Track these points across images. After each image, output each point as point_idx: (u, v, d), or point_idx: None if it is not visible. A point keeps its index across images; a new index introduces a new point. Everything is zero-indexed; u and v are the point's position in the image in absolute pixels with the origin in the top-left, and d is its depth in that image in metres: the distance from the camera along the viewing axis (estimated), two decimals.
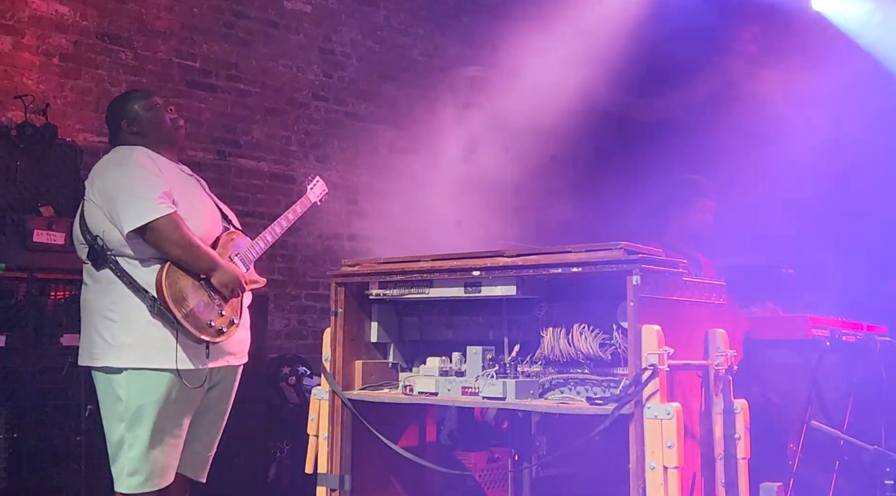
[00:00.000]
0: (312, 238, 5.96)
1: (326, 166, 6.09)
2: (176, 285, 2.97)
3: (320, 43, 6.11)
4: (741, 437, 2.37)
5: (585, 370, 2.63)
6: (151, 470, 2.97)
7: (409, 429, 3.09)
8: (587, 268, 2.41)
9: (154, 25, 5.27)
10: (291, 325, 5.77)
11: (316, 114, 6.06)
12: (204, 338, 3.00)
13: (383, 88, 6.49)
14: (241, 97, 5.65)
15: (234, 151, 5.59)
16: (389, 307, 3.07)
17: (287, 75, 5.91)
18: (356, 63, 6.32)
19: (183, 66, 5.39)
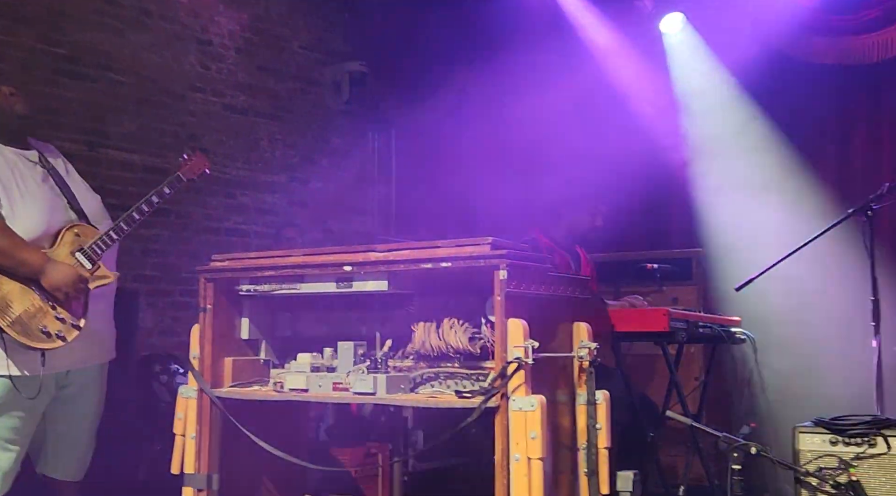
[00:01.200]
0: (188, 232, 5.81)
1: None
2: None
3: (197, 33, 5.96)
4: (602, 427, 2.46)
5: (455, 364, 2.68)
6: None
7: (282, 426, 3.06)
8: (456, 263, 2.45)
9: (18, 10, 5.01)
10: (165, 323, 5.61)
11: (192, 106, 5.90)
12: (36, 346, 2.84)
13: (263, 81, 6.39)
14: (113, 87, 5.45)
15: (104, 143, 5.38)
16: (261, 303, 3.04)
17: (162, 66, 5.73)
18: (235, 55, 6.20)
19: (50, 54, 5.15)
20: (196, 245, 5.82)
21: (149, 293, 5.48)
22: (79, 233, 3.06)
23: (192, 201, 5.83)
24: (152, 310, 5.51)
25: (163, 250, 5.65)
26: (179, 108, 5.82)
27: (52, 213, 3.04)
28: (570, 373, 2.56)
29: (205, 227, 5.91)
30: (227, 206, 6.08)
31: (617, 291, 4.18)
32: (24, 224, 2.92)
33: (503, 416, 2.31)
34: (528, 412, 2.28)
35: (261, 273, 2.79)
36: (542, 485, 2.26)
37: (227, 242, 6.00)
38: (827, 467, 2.47)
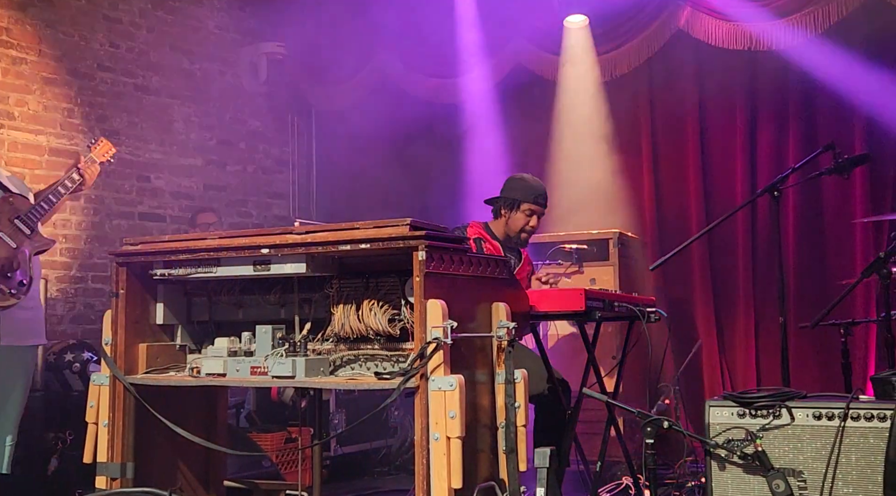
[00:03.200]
0: (100, 217, 5.64)
1: (115, 141, 5.65)
2: None
3: (105, 10, 5.76)
4: (521, 406, 2.49)
5: (375, 346, 2.68)
6: None
7: (197, 412, 3.02)
8: (375, 245, 2.44)
9: None
10: (77, 309, 5.44)
11: (102, 86, 5.71)
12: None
13: (177, 61, 6.22)
14: (15, 64, 5.23)
15: (7, 123, 5.17)
16: (177, 287, 2.97)
17: (68, 43, 5.52)
18: (146, 34, 6.01)
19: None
20: (109, 230, 5.66)
21: (59, 280, 5.31)
22: (12, 201, 3.14)
23: (104, 185, 5.65)
24: (64, 297, 5.34)
25: (74, 235, 5.47)
26: (88, 87, 5.62)
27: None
28: (488, 353, 2.58)
29: (118, 211, 5.75)
30: (141, 189, 5.91)
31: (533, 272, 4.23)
32: None
33: (423, 396, 2.32)
34: (446, 392, 2.29)
35: (175, 257, 2.73)
36: (461, 463, 2.28)
37: (141, 227, 5.85)
38: (735, 439, 2.56)
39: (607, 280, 4.55)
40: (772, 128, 5.41)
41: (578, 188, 5.57)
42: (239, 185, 6.61)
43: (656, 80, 5.74)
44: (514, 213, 3.73)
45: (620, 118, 5.76)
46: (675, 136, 5.69)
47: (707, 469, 2.61)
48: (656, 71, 5.71)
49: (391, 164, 6.48)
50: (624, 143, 5.72)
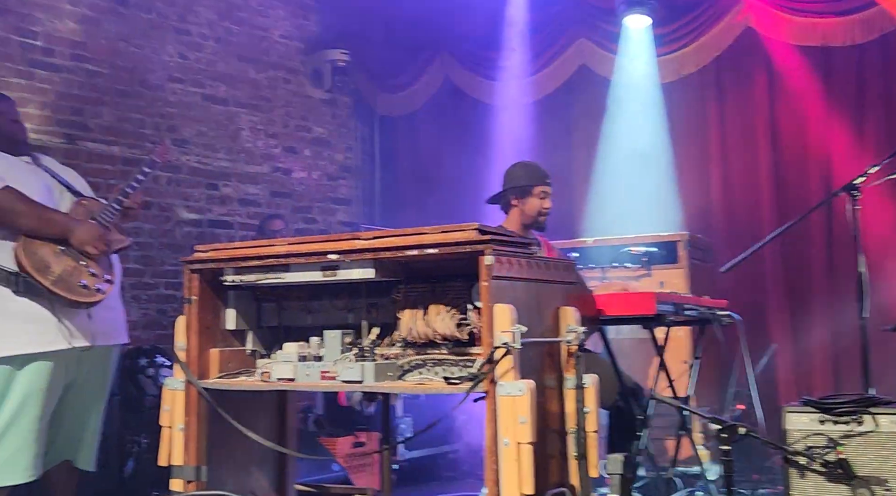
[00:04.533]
0: (171, 224, 5.77)
1: (185, 151, 5.90)
2: (36, 255, 2.93)
3: (174, 23, 5.90)
4: (591, 411, 2.45)
5: (443, 350, 2.66)
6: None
7: (268, 416, 3.04)
8: (442, 249, 2.43)
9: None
10: (150, 315, 5.57)
11: (172, 96, 5.85)
12: (80, 299, 2.98)
13: (243, 71, 6.33)
14: (90, 78, 5.39)
15: (83, 135, 5.33)
16: (247, 293, 3.01)
17: (139, 56, 5.67)
18: (214, 44, 6.14)
19: (24, 45, 5.08)
20: (179, 237, 5.78)
21: (133, 286, 5.44)
22: (87, 204, 3.23)
23: (174, 193, 5.79)
24: (137, 303, 5.47)
25: (146, 243, 5.60)
26: (158, 98, 5.76)
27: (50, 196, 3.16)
28: (557, 358, 2.55)
29: (187, 219, 5.87)
30: (210, 197, 6.03)
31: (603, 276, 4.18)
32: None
33: (492, 402, 2.30)
34: (516, 397, 2.27)
35: (245, 263, 2.76)
36: (532, 469, 2.25)
37: (210, 234, 5.96)
38: (815, 446, 2.48)
39: (677, 283, 4.46)
40: (847, 124, 5.24)
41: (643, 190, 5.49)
42: (304, 192, 6.69)
43: (724, 79, 5.62)
44: (527, 199, 3.74)
45: (687, 118, 5.66)
46: (745, 135, 5.56)
47: (785, 477, 2.54)
48: (724, 69, 5.59)
49: (454, 169, 6.48)
50: (691, 144, 5.61)
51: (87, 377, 3.17)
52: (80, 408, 3.19)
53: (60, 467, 3.19)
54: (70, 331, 3.00)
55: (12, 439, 2.90)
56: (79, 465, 3.23)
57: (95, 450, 3.27)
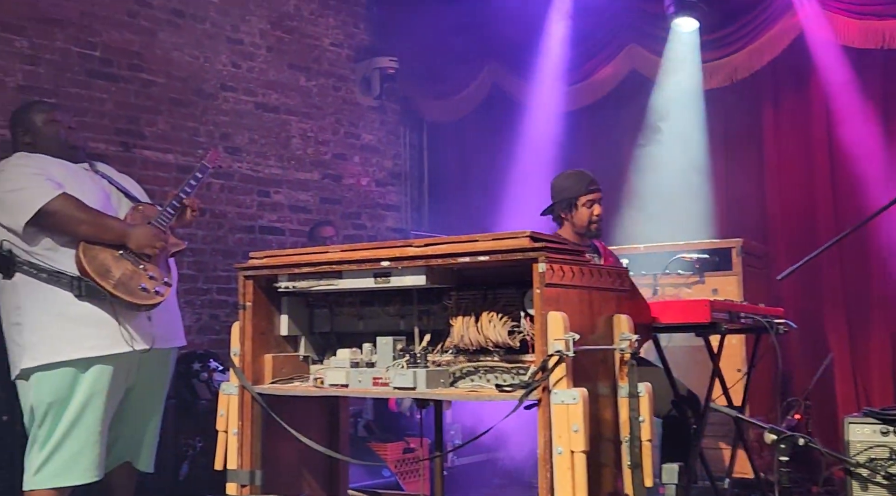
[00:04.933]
0: (223, 231, 5.85)
1: (237, 158, 5.98)
2: (96, 260, 2.99)
3: (228, 32, 5.99)
4: (645, 420, 2.43)
5: (495, 358, 2.66)
6: (62, 464, 2.94)
7: (320, 421, 3.07)
8: (494, 257, 2.43)
9: (50, 13, 5.07)
10: (203, 320, 5.66)
11: (225, 104, 5.94)
12: (140, 302, 3.04)
13: (294, 78, 6.41)
14: (145, 87, 5.50)
15: (138, 143, 5.44)
16: (300, 300, 3.04)
17: (194, 65, 5.77)
18: (265, 53, 6.22)
19: (83, 56, 5.21)
20: (231, 243, 5.86)
21: (187, 292, 5.52)
22: (143, 210, 3.29)
23: (226, 200, 5.87)
24: (190, 308, 5.56)
25: (199, 249, 5.69)
26: (211, 107, 5.86)
27: (108, 202, 3.24)
28: (610, 366, 2.53)
29: (239, 225, 5.95)
30: (261, 203, 6.11)
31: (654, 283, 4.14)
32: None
33: (545, 410, 2.29)
34: (570, 405, 2.26)
35: (299, 270, 2.79)
36: (586, 478, 2.24)
37: (261, 240, 6.03)
38: (878, 458, 2.42)
39: (730, 290, 4.39)
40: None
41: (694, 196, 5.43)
42: (353, 198, 6.74)
43: (780, 83, 5.53)
44: (574, 211, 3.73)
45: (740, 123, 5.58)
46: (802, 140, 5.45)
47: (847, 489, 2.48)
48: (780, 73, 5.50)
49: (502, 176, 6.47)
50: (744, 149, 5.53)
51: (147, 379, 3.23)
52: (141, 410, 3.25)
53: (121, 468, 3.25)
54: (131, 334, 3.05)
55: (76, 440, 2.97)
56: (138, 467, 3.30)
57: (154, 451, 3.33)
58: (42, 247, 3.00)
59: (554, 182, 3.84)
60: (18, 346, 3.02)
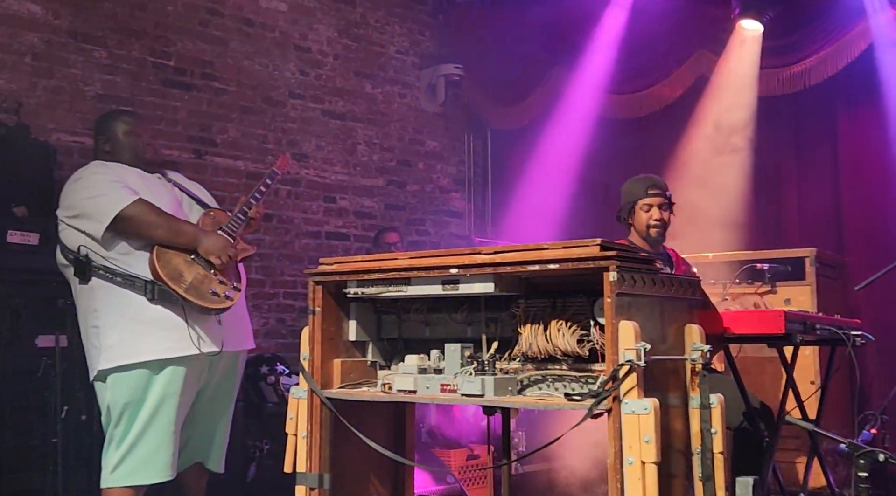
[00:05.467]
0: (290, 236, 5.94)
1: (304, 164, 6.07)
2: (170, 264, 3.06)
3: (296, 41, 6.09)
4: (717, 432, 2.39)
5: (563, 366, 2.65)
6: (137, 463, 3.02)
7: (387, 426, 3.09)
8: (564, 265, 2.41)
9: (128, 24, 5.23)
10: (270, 324, 5.75)
11: (293, 112, 6.04)
12: (211, 306, 3.11)
13: (360, 86, 6.48)
14: (217, 96, 5.62)
15: (210, 150, 5.56)
16: (368, 306, 3.07)
17: (263, 73, 5.88)
18: (333, 61, 6.31)
19: (157, 65, 5.35)
20: (298, 249, 5.95)
21: (254, 296, 5.62)
22: (214, 215, 3.36)
23: (293, 206, 5.96)
24: (258, 312, 5.65)
25: (266, 254, 5.79)
26: (280, 114, 5.96)
27: (180, 208, 3.33)
28: (681, 376, 2.49)
29: (306, 231, 6.04)
30: (327, 209, 6.19)
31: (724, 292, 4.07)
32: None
33: (615, 420, 2.27)
34: (641, 415, 2.23)
35: (368, 276, 2.82)
36: (657, 489, 2.21)
37: (327, 246, 6.11)
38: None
39: (803, 301, 4.30)
40: None
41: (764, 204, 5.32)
42: (417, 205, 6.78)
43: (854, 89, 5.39)
44: (634, 217, 3.71)
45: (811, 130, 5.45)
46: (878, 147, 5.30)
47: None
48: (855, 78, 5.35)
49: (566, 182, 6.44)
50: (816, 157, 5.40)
51: (217, 381, 3.29)
52: (211, 411, 3.31)
53: (193, 468, 3.32)
54: (201, 337, 3.12)
55: (150, 440, 3.05)
56: (209, 467, 3.36)
57: (224, 451, 3.39)
58: (118, 251, 3.09)
59: (621, 187, 3.82)
60: (96, 349, 3.10)
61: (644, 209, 3.67)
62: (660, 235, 3.70)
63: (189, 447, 3.30)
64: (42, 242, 3.83)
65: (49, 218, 3.81)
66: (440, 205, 6.95)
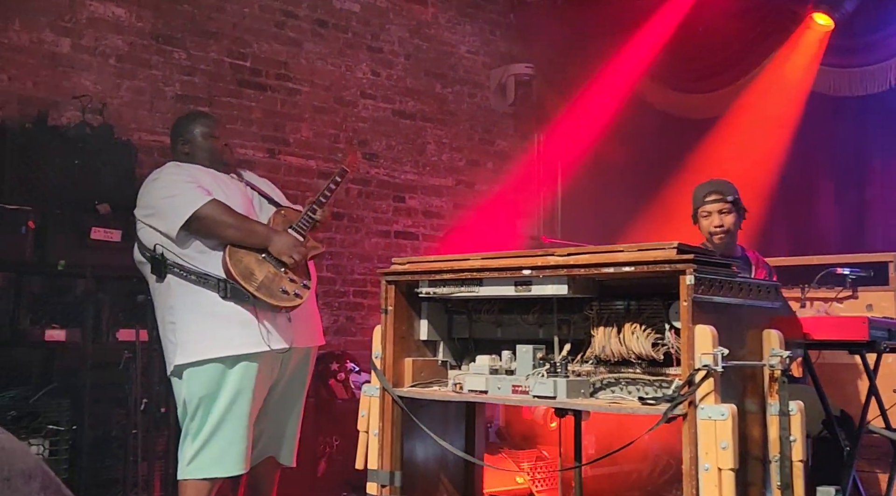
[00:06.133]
0: (360, 235, 6.00)
1: (374, 164, 6.13)
2: (241, 263, 3.13)
3: (368, 41, 6.15)
4: (797, 440, 2.34)
5: (637, 370, 2.61)
6: (212, 457, 3.08)
7: (457, 426, 3.10)
8: (639, 268, 2.39)
9: (206, 26, 5.35)
10: (340, 322, 5.82)
11: (364, 112, 6.10)
12: (281, 304, 3.16)
13: (430, 86, 6.51)
14: (291, 96, 5.72)
15: (283, 149, 5.66)
16: (439, 305, 3.08)
17: (335, 74, 5.96)
18: (404, 61, 6.35)
19: (234, 66, 5.46)
20: (367, 247, 6.00)
21: (325, 294, 5.69)
22: (285, 214, 3.41)
23: (363, 205, 6.02)
24: (328, 309, 5.73)
25: (337, 252, 5.86)
26: (351, 114, 6.02)
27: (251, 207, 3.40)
28: (759, 383, 2.44)
29: (376, 230, 6.09)
30: (397, 209, 6.23)
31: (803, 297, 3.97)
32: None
33: (691, 425, 2.23)
34: (718, 421, 2.19)
35: (440, 276, 2.83)
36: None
37: (396, 245, 6.15)
38: None
39: (886, 306, 4.16)
40: None
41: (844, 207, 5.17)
42: (487, 205, 6.77)
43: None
44: (699, 224, 3.69)
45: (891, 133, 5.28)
46: None
47: None
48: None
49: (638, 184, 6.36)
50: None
51: (289, 377, 3.35)
52: (283, 407, 3.37)
53: (265, 462, 3.39)
54: (271, 334, 3.17)
55: (224, 434, 3.11)
56: (281, 461, 3.42)
57: (295, 445, 3.45)
58: (192, 250, 3.16)
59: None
60: (172, 344, 3.19)
61: (704, 216, 3.62)
62: (723, 241, 3.63)
63: (262, 442, 3.36)
64: (124, 239, 3.94)
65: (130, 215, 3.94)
66: (509, 205, 6.93)
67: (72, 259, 3.87)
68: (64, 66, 4.78)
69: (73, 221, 3.92)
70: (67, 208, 4.02)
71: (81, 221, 3.94)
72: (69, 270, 3.86)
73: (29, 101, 4.55)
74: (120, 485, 3.76)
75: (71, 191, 4.11)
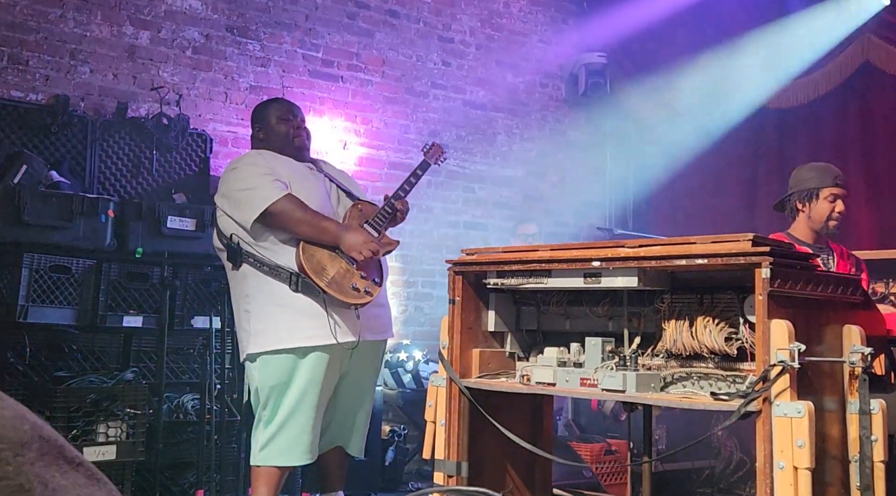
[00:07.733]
0: (429, 225, 6.01)
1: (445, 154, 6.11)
2: (313, 258, 3.15)
3: (440, 31, 6.15)
4: (878, 439, 2.25)
5: (709, 364, 2.56)
6: (283, 445, 3.13)
7: (524, 418, 3.08)
8: (712, 261, 2.33)
9: (280, 17, 5.42)
10: (408, 312, 5.85)
11: (434, 102, 6.10)
12: (351, 301, 3.18)
13: (501, 75, 6.47)
14: (362, 86, 5.75)
15: (355, 140, 5.70)
16: (507, 296, 3.06)
17: (407, 64, 5.97)
18: (475, 51, 6.32)
19: (307, 57, 5.52)
20: (437, 238, 6.01)
21: (394, 284, 5.73)
22: (361, 208, 3.43)
23: (433, 195, 6.03)
24: (397, 299, 5.76)
25: (407, 243, 5.88)
26: (422, 104, 6.03)
27: (327, 200, 3.41)
28: (838, 380, 2.36)
29: (445, 220, 6.09)
30: (467, 199, 6.22)
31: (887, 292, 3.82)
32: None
33: (766, 422, 2.17)
34: (794, 418, 2.13)
35: (508, 267, 2.81)
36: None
37: (465, 236, 6.14)
38: None
39: None
40: None
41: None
42: (557, 195, 6.71)
43: None
44: (814, 203, 3.50)
45: None
46: None
47: None
48: None
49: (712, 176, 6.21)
50: None
51: (358, 369, 3.37)
52: (352, 398, 3.39)
53: (333, 452, 3.42)
54: (340, 327, 3.19)
55: (294, 424, 3.16)
56: (350, 452, 3.45)
57: (364, 437, 3.47)
58: (266, 242, 3.21)
59: (796, 172, 3.62)
60: (246, 332, 3.24)
61: (830, 199, 3.48)
62: (836, 229, 3.52)
63: (330, 431, 3.40)
64: (198, 227, 4.03)
65: (204, 205, 4.03)
66: (580, 195, 6.85)
67: (149, 247, 3.97)
68: (143, 58, 4.90)
69: (151, 210, 4.02)
70: (145, 198, 4.13)
71: (158, 210, 4.04)
72: (146, 258, 3.96)
73: (109, 93, 4.69)
74: (194, 468, 3.86)
75: (148, 181, 4.22)
